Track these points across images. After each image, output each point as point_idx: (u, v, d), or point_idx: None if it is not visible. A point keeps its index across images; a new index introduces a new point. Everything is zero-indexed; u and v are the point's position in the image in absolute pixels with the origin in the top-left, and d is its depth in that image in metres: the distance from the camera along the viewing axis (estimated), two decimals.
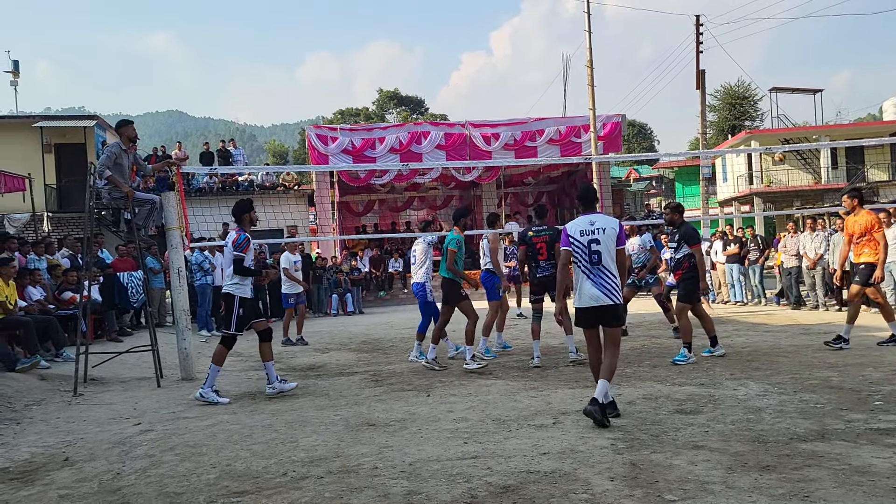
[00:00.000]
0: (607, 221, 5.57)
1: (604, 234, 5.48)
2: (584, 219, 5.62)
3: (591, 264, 5.46)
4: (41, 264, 11.33)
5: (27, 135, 21.74)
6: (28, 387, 7.82)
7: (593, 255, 5.45)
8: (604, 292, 5.40)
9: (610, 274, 5.43)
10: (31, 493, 4.28)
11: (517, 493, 3.81)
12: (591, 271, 5.46)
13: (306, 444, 5.08)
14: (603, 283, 5.41)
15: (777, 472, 3.92)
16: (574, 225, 5.62)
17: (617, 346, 5.48)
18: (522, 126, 22.76)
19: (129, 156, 8.51)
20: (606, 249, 5.45)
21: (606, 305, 5.39)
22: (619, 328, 5.49)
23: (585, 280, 5.47)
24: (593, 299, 5.41)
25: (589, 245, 5.49)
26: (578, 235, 5.56)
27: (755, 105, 45.71)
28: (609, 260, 5.44)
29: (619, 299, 5.40)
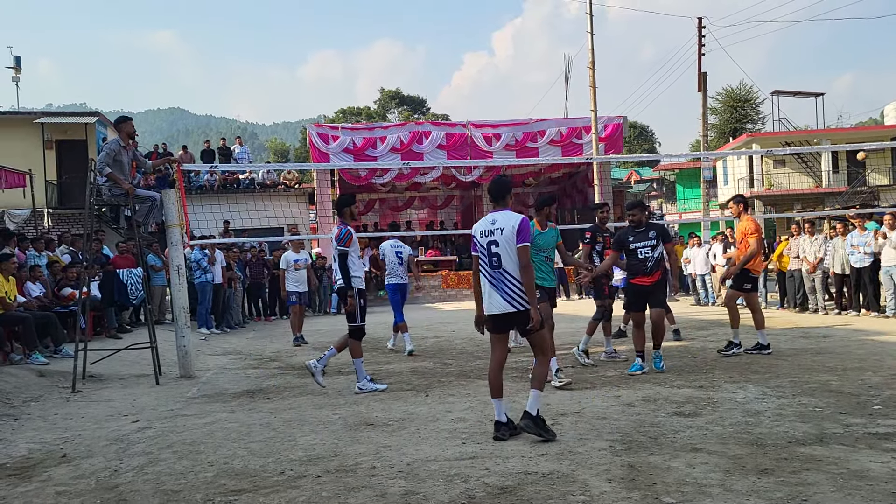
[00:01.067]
0: (507, 220, 5.02)
1: (502, 235, 4.98)
2: (487, 218, 5.15)
3: (491, 268, 5.02)
4: (41, 261, 11.34)
5: (28, 131, 21.74)
6: (26, 383, 7.83)
7: (493, 259, 4.99)
8: (506, 299, 4.94)
9: (512, 278, 4.94)
10: (29, 490, 4.28)
11: (515, 493, 3.80)
12: (493, 276, 5.01)
13: (304, 443, 5.07)
14: (505, 288, 4.95)
15: (775, 476, 3.92)
16: (477, 226, 5.19)
17: (544, 353, 5.10)
18: (524, 127, 22.77)
19: (129, 152, 8.51)
20: (506, 252, 4.96)
21: (511, 313, 4.96)
22: (539, 333, 4.98)
23: (488, 285, 5.04)
24: (498, 307, 4.98)
25: (489, 247, 5.03)
26: (479, 237, 5.12)
27: (756, 108, 45.71)
28: (510, 263, 4.95)
29: (526, 305, 4.91)
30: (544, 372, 5.09)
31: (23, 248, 11.44)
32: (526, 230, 4.96)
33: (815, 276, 13.32)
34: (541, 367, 5.08)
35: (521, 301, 4.92)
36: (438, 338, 11.74)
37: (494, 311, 5.00)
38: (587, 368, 7.92)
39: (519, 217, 5.01)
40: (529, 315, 4.89)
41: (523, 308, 4.91)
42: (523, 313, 4.92)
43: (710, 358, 8.25)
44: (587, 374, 7.58)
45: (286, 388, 7.56)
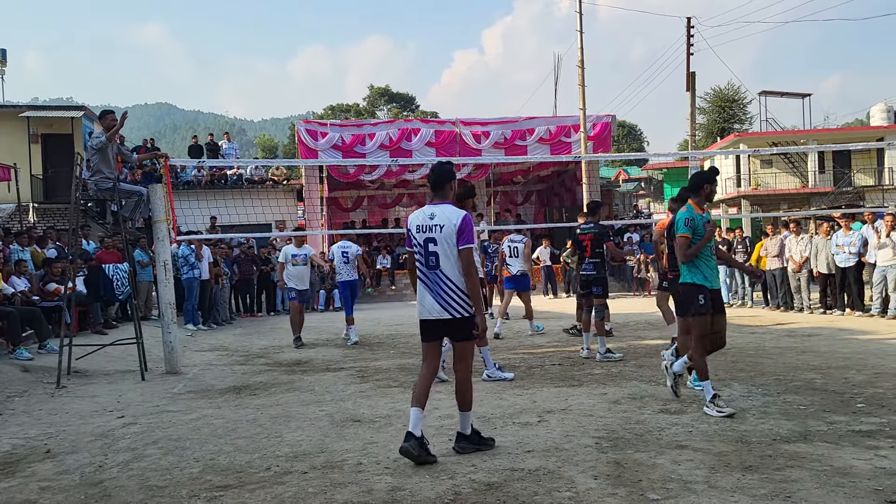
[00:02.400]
0: (448, 215, 4.48)
1: (441, 233, 4.45)
2: (424, 210, 4.62)
3: (427, 268, 4.51)
4: (25, 255, 11.24)
5: (14, 125, 21.54)
6: (10, 378, 7.76)
7: (430, 258, 4.48)
8: (442, 304, 4.45)
9: (450, 281, 4.44)
10: (12, 485, 4.25)
11: (501, 490, 3.81)
12: (429, 277, 4.51)
13: (291, 440, 5.06)
14: (440, 292, 4.46)
15: (759, 473, 3.95)
16: (413, 218, 4.65)
17: (466, 364, 4.55)
18: (513, 125, 22.77)
19: (114, 146, 8.43)
20: (444, 251, 4.44)
21: (447, 321, 4.48)
22: (469, 342, 4.55)
23: (422, 287, 4.56)
24: (431, 311, 4.51)
25: (425, 245, 4.51)
26: (415, 232, 4.58)
27: (744, 108, 45.95)
28: (448, 264, 4.44)
29: (463, 311, 4.44)
30: (467, 386, 4.55)
31: (6, 243, 11.34)
32: (469, 230, 4.45)
33: (800, 275, 13.42)
34: (461, 382, 4.56)
35: (460, 308, 4.44)
36: None
37: (427, 315, 4.53)
38: (575, 366, 7.94)
39: (461, 214, 4.49)
40: (468, 323, 4.46)
41: (461, 315, 4.44)
42: (460, 321, 4.45)
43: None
44: (574, 371, 7.60)
45: (273, 384, 7.54)
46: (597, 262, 8.64)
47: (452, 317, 4.45)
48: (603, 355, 8.29)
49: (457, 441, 4.54)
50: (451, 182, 4.70)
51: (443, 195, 4.64)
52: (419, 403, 4.46)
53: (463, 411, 4.56)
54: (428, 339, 4.61)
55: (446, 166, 4.78)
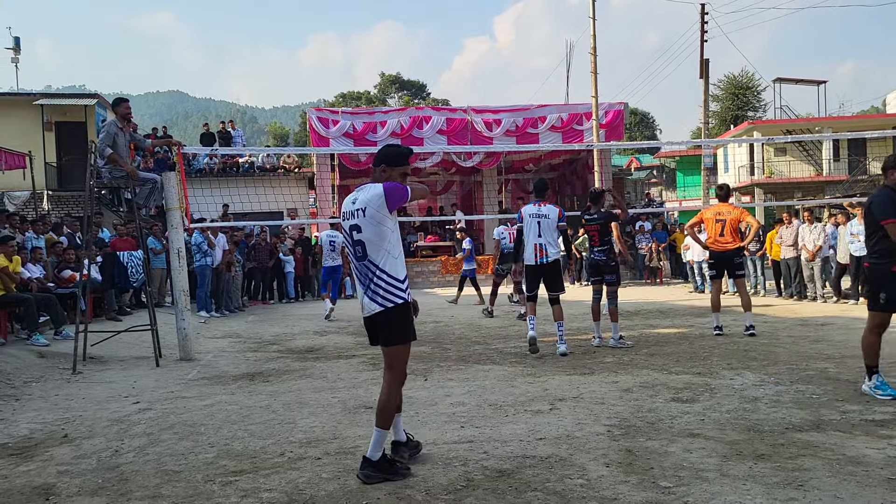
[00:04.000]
0: (370, 197, 3.95)
1: (364, 217, 3.94)
2: (350, 196, 4.12)
3: (357, 259, 4.04)
4: (39, 242, 11.34)
5: (28, 112, 21.66)
6: (27, 364, 7.86)
7: (357, 248, 4.00)
8: (371, 296, 3.96)
9: (378, 269, 3.95)
10: (31, 469, 4.31)
11: (513, 477, 3.84)
12: (359, 270, 4.04)
13: (304, 426, 5.10)
14: (370, 284, 3.96)
15: (771, 461, 3.95)
16: (343, 206, 4.17)
17: (395, 374, 4.02)
18: (524, 112, 22.67)
19: (126, 134, 8.46)
20: (369, 237, 3.95)
21: (374, 316, 3.99)
22: (399, 347, 4.01)
23: (357, 283, 4.10)
24: (366, 308, 4.02)
25: (351, 233, 4.02)
26: (343, 220, 4.12)
27: (758, 95, 45.62)
28: (376, 251, 3.95)
29: (395, 299, 3.96)
30: (391, 401, 3.98)
31: (22, 230, 11.45)
32: (395, 193, 3.93)
33: (813, 264, 13.33)
34: (386, 394, 3.98)
35: (392, 296, 3.94)
36: (437, 323, 11.77)
37: (364, 312, 4.05)
38: (586, 354, 7.95)
39: (379, 185, 3.97)
40: (397, 312, 3.94)
41: (392, 304, 3.94)
42: (389, 313, 3.95)
43: (709, 345, 8.27)
44: (586, 359, 7.61)
45: (285, 371, 7.59)
46: (606, 249, 8.64)
47: (384, 307, 3.94)
48: (617, 341, 8.37)
49: (362, 467, 3.86)
50: (383, 166, 4.09)
51: (375, 178, 4.12)
52: (376, 423, 3.99)
53: (378, 427, 3.92)
54: (374, 342, 4.12)
55: (385, 149, 4.18)
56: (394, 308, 3.95)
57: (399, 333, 3.98)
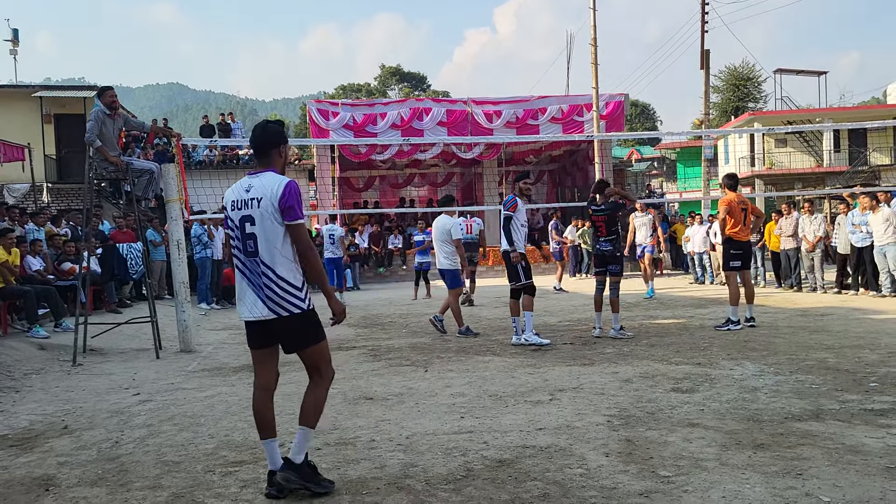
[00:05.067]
0: (267, 185, 3.52)
1: (259, 208, 3.51)
2: (242, 182, 3.66)
3: (245, 255, 3.57)
4: (40, 235, 11.34)
5: (27, 105, 21.63)
6: (27, 356, 7.87)
7: (248, 242, 3.54)
8: (264, 299, 3.51)
9: (272, 271, 3.50)
10: (31, 460, 4.32)
11: (513, 466, 3.84)
12: (248, 266, 3.58)
13: None
14: (262, 285, 3.52)
15: (771, 451, 3.95)
16: (229, 193, 3.70)
17: (324, 372, 3.68)
18: (525, 104, 22.64)
19: (115, 121, 8.22)
20: (263, 232, 3.51)
21: (269, 320, 3.54)
22: (314, 348, 3.63)
23: (240, 279, 3.63)
24: (252, 310, 3.57)
25: (241, 225, 3.56)
26: (230, 209, 3.64)
27: (759, 87, 45.46)
28: (269, 249, 3.51)
29: (293, 308, 3.52)
30: (320, 400, 3.65)
31: (22, 223, 11.44)
32: (295, 201, 3.51)
33: (814, 254, 13.33)
34: (315, 394, 3.65)
35: (289, 303, 3.51)
36: None
37: (249, 315, 3.59)
38: (586, 345, 7.95)
39: (282, 181, 3.54)
40: (303, 321, 3.56)
41: (289, 313, 3.51)
42: (290, 320, 3.53)
43: (709, 335, 8.28)
44: (586, 350, 7.61)
45: (285, 363, 7.50)
46: (612, 239, 8.63)
47: (279, 316, 3.51)
48: (617, 332, 8.38)
49: (282, 468, 3.52)
50: (280, 147, 3.69)
51: (267, 162, 3.66)
52: (268, 433, 3.65)
53: (303, 426, 3.59)
54: (256, 345, 3.69)
55: (273, 126, 3.76)
56: (291, 317, 3.52)
57: (311, 336, 3.60)
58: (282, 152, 3.71)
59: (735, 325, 8.59)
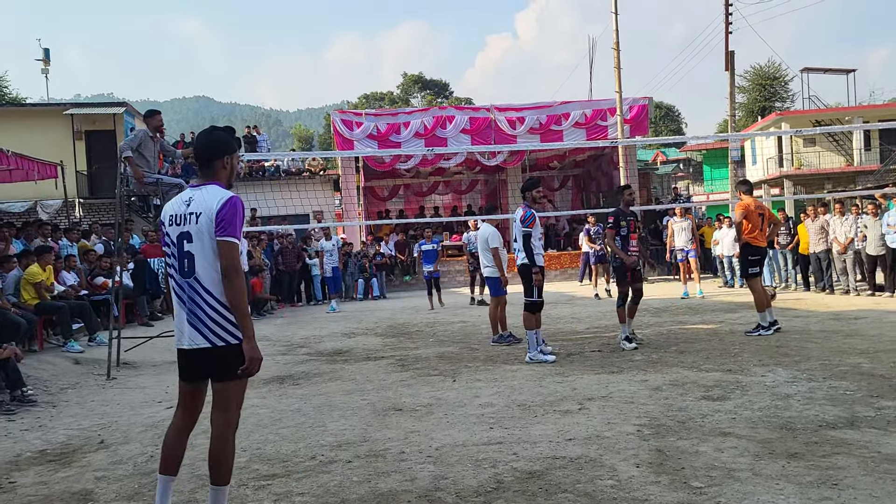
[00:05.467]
0: (208, 199, 3.22)
1: (197, 224, 3.21)
2: (182, 195, 3.35)
3: (181, 275, 3.25)
4: (73, 250, 11.56)
5: (58, 122, 22.08)
6: (63, 370, 8.03)
7: (184, 260, 3.23)
8: (198, 326, 3.18)
9: (208, 294, 3.18)
10: (69, 475, 4.41)
11: (543, 478, 3.84)
12: (183, 288, 3.25)
13: (334, 429, 5.15)
14: (196, 310, 3.19)
15: (805, 460, 3.90)
16: (168, 207, 3.39)
17: (231, 415, 3.26)
18: (548, 110, 22.58)
19: (156, 144, 8.54)
20: (201, 251, 3.20)
21: (203, 349, 3.19)
22: (233, 383, 3.22)
23: (176, 302, 3.29)
24: (182, 339, 3.25)
25: (179, 242, 3.26)
26: (168, 225, 3.33)
27: (786, 86, 44.92)
28: (207, 270, 3.19)
29: (228, 338, 3.18)
30: (231, 452, 3.28)
31: (55, 238, 11.68)
32: (233, 216, 3.19)
33: (845, 256, 13.12)
34: (223, 447, 3.25)
35: (223, 332, 3.18)
36: (464, 323, 11.78)
37: (180, 343, 3.27)
38: (615, 353, 7.90)
39: (224, 196, 3.22)
40: (233, 354, 3.18)
41: (224, 343, 3.18)
42: (222, 352, 3.18)
43: (739, 341, 8.18)
44: (614, 357, 7.57)
45: (315, 374, 7.66)
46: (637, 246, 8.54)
47: (213, 345, 3.18)
48: (622, 340, 8.19)
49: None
50: (225, 158, 3.36)
51: (210, 174, 3.35)
52: (168, 470, 3.33)
53: (216, 485, 3.24)
54: (186, 377, 3.31)
55: (218, 134, 3.42)
56: (225, 348, 3.18)
57: (237, 368, 3.19)
58: (226, 163, 3.36)
59: (766, 331, 8.49)
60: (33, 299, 8.99)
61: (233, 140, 3.42)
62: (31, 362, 7.82)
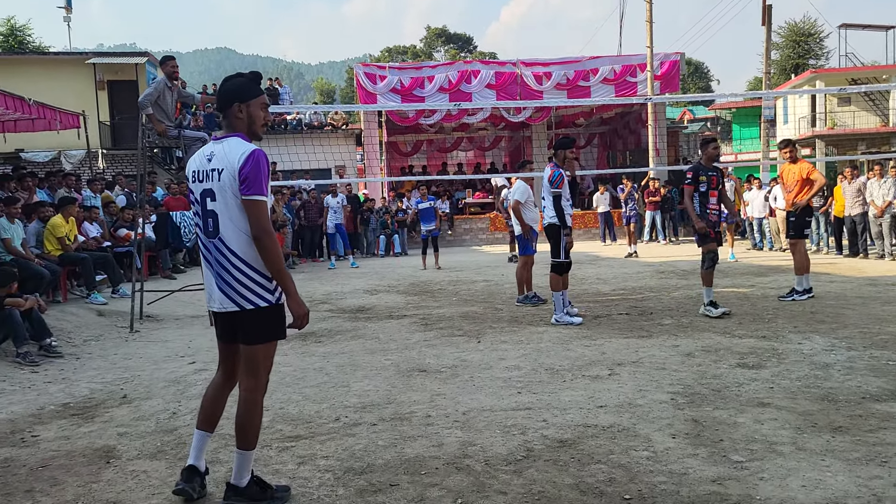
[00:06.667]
0: (230, 154, 3.03)
1: (219, 180, 3.04)
2: (204, 150, 3.19)
3: (206, 235, 3.12)
4: (97, 201, 11.51)
5: (81, 71, 21.94)
6: (87, 322, 8.01)
7: (208, 220, 3.09)
8: (224, 289, 3.08)
9: (234, 255, 3.05)
10: (92, 430, 4.36)
11: (575, 447, 3.71)
12: (209, 250, 3.12)
13: (358, 389, 5.05)
14: (222, 271, 3.08)
15: (850, 434, 3.73)
16: (191, 161, 3.23)
17: (259, 379, 3.13)
18: (576, 65, 22.03)
19: (174, 92, 8.32)
20: (224, 209, 3.04)
21: (231, 313, 3.10)
22: (261, 347, 3.11)
23: (204, 264, 3.20)
24: (212, 300, 3.16)
25: (203, 200, 3.10)
26: (191, 181, 3.19)
27: (821, 43, 43.55)
28: (232, 230, 3.04)
29: (257, 300, 3.06)
30: (258, 417, 3.16)
31: (78, 189, 11.63)
32: (258, 172, 2.98)
33: (882, 220, 12.74)
34: (250, 410, 3.12)
35: (252, 294, 3.06)
36: (488, 282, 11.64)
37: (212, 305, 3.18)
38: (643, 316, 7.71)
39: (246, 150, 3.02)
40: (263, 318, 3.09)
41: (253, 306, 3.06)
42: (251, 315, 3.08)
43: (772, 306, 7.96)
44: (642, 321, 7.39)
45: (337, 331, 7.57)
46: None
47: (241, 308, 3.06)
48: (705, 307, 7.53)
49: (226, 496, 3.13)
50: (237, 106, 3.11)
51: (229, 125, 3.15)
52: (205, 425, 3.29)
53: (241, 449, 3.13)
54: (220, 336, 3.27)
55: (231, 81, 3.19)
56: (255, 311, 3.06)
57: (268, 332, 3.12)
58: (239, 112, 3.10)
59: (800, 296, 8.24)
60: (57, 250, 8.95)
61: (250, 86, 3.14)
62: (56, 313, 7.81)
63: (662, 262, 13.62)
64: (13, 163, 17.64)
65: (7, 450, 4.05)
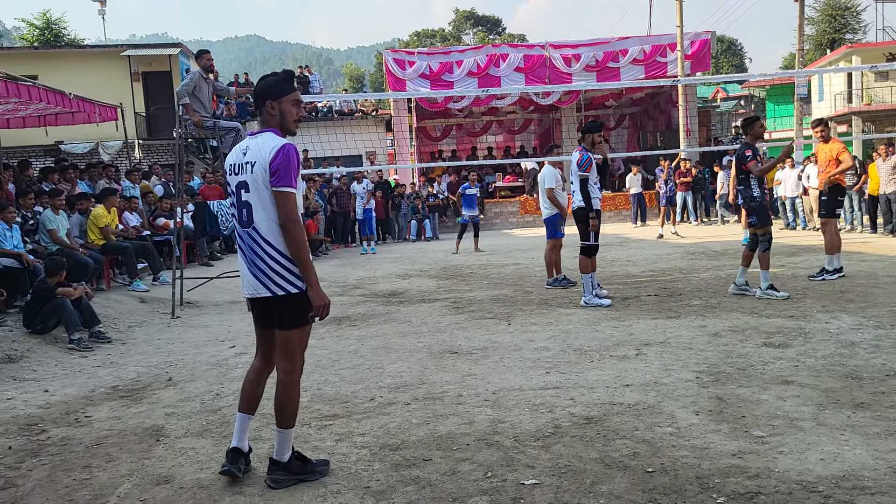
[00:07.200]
0: (262, 148, 3.21)
1: (252, 173, 3.21)
2: (240, 145, 3.38)
3: (241, 225, 3.31)
4: (135, 191, 11.86)
5: (116, 64, 22.40)
6: (130, 309, 8.33)
7: (243, 210, 3.27)
8: (258, 276, 3.26)
9: (267, 244, 3.22)
10: (141, 411, 4.61)
11: (601, 424, 3.85)
12: (243, 238, 3.31)
13: (392, 371, 5.24)
14: (255, 259, 3.25)
15: (872, 410, 3.81)
16: (230, 156, 3.41)
17: (292, 362, 3.31)
18: (604, 46, 21.89)
19: (210, 85, 8.59)
20: (258, 200, 3.21)
21: (265, 298, 3.28)
22: (296, 331, 3.28)
23: (240, 252, 3.39)
24: (247, 287, 3.35)
25: (238, 192, 3.28)
26: (229, 174, 3.37)
27: (858, 17, 42.50)
28: (265, 218, 3.21)
29: (288, 287, 3.22)
30: (295, 397, 3.34)
31: (116, 180, 11.99)
32: (288, 166, 3.16)
33: None
34: (288, 391, 3.32)
35: (283, 281, 3.22)
36: (518, 265, 11.76)
37: (246, 292, 3.38)
38: (671, 297, 7.78)
39: (277, 144, 3.20)
40: (295, 303, 3.24)
41: (285, 292, 3.22)
42: (283, 301, 3.24)
43: (801, 286, 7.97)
44: (671, 302, 7.47)
45: (371, 315, 7.77)
46: (740, 187, 7.73)
47: (273, 294, 3.24)
48: (764, 291, 7.36)
49: (270, 471, 3.32)
50: (269, 103, 3.30)
51: (263, 121, 3.35)
52: (246, 408, 3.44)
53: (281, 428, 3.32)
54: (257, 321, 3.45)
55: (266, 79, 3.39)
56: (287, 297, 3.23)
57: (299, 317, 3.27)
58: (272, 109, 3.30)
59: (830, 275, 8.23)
60: (99, 240, 9.29)
61: (281, 84, 3.32)
62: (100, 300, 8.12)
63: (693, 244, 13.60)
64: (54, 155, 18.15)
65: (64, 429, 4.31)
